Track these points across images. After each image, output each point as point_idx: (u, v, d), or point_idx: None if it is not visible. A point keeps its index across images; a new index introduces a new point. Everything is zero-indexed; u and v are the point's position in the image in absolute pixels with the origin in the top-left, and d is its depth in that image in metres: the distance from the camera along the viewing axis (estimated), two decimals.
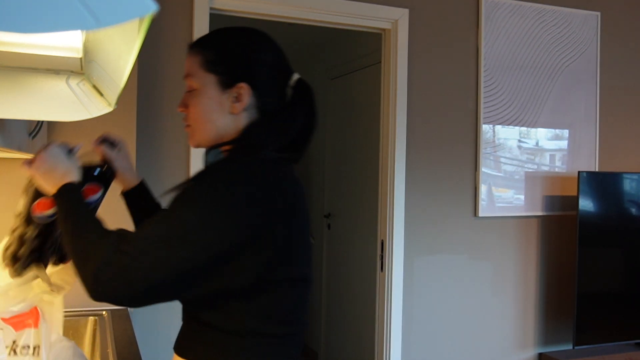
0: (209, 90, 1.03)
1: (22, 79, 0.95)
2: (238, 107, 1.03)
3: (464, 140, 2.55)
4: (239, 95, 1.02)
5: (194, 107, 1.05)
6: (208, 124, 1.04)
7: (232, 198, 0.92)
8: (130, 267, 0.87)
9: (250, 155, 1.00)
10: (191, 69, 1.05)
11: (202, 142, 1.07)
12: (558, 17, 2.69)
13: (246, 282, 0.94)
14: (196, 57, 1.05)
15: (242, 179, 0.94)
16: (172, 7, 2.12)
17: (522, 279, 2.67)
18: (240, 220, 0.92)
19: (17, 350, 1.14)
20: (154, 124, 2.09)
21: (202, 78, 1.03)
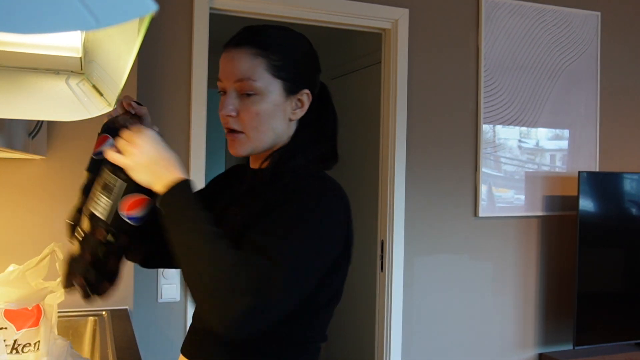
0: (274, 96, 0.99)
1: (21, 79, 0.95)
2: (299, 113, 1.02)
3: (464, 140, 2.55)
4: (301, 102, 1.02)
5: (251, 113, 0.98)
6: (269, 132, 1.00)
7: (334, 215, 0.93)
8: (278, 300, 0.84)
9: (318, 166, 1.02)
10: (252, 72, 0.98)
11: (256, 150, 1.02)
12: (558, 17, 2.69)
13: (327, 296, 0.98)
14: (259, 60, 0.98)
15: (335, 195, 0.95)
16: (172, 7, 2.12)
17: (522, 279, 2.66)
18: (340, 236, 0.95)
19: (19, 348, 1.14)
20: (154, 124, 2.09)
21: (268, 83, 0.98)
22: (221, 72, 1.02)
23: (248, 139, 1.00)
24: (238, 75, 0.98)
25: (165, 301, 2.10)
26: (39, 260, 1.16)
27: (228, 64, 1.00)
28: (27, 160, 1.75)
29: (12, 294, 1.10)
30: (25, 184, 1.76)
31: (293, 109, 1.01)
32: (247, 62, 0.98)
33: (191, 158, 2.12)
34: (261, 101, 0.98)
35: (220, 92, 1.03)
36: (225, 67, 1.01)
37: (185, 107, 2.13)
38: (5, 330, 1.12)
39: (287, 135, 1.03)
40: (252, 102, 0.98)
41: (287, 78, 0.99)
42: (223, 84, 1.02)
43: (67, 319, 1.64)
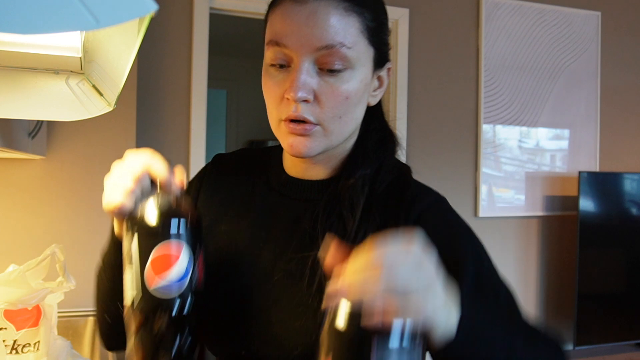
0: (365, 70, 0.71)
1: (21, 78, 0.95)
2: (379, 95, 0.77)
3: (464, 140, 2.55)
4: (380, 81, 0.76)
5: (339, 97, 0.68)
6: (351, 122, 0.72)
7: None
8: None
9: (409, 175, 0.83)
10: (346, 35, 0.67)
11: (328, 149, 0.73)
12: (559, 17, 2.68)
13: None
14: (353, 18, 0.67)
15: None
16: (172, 7, 2.11)
17: (523, 279, 2.66)
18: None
19: (19, 349, 1.14)
20: (154, 124, 2.09)
21: (362, 52, 0.69)
22: (284, 33, 0.67)
23: (326, 134, 0.70)
24: (324, 39, 0.66)
25: None
26: (40, 261, 1.16)
27: (303, 21, 0.66)
28: (27, 160, 1.75)
29: (12, 294, 1.10)
30: (25, 184, 1.76)
31: (374, 89, 0.75)
32: (338, 20, 0.66)
33: (191, 158, 2.12)
34: (352, 78, 0.69)
35: (276, 64, 0.70)
36: (296, 27, 0.66)
37: (185, 107, 2.13)
38: (5, 330, 1.12)
39: (358, 124, 0.77)
40: (341, 81, 0.68)
41: (379, 44, 0.72)
42: (288, 52, 0.68)
43: (67, 319, 1.64)
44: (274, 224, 0.78)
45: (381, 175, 0.76)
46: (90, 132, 1.82)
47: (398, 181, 0.77)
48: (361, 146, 0.78)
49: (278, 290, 0.73)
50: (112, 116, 1.69)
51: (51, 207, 1.78)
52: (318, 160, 0.77)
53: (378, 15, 0.72)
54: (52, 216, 1.78)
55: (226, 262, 0.79)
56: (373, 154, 0.77)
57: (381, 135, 0.80)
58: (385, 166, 0.78)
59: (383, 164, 0.78)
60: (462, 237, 0.76)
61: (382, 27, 0.73)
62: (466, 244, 0.75)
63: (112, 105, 0.98)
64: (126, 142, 1.86)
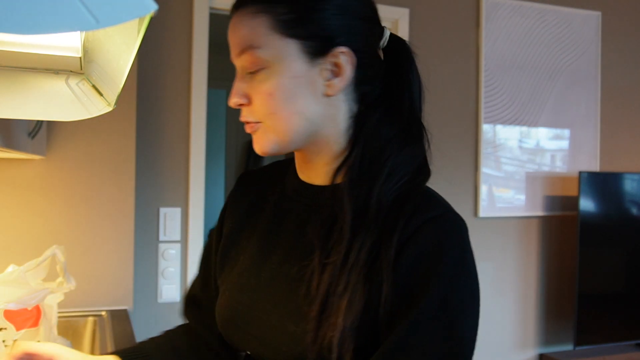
0: (292, 64, 0.70)
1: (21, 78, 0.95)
2: (338, 84, 0.71)
3: (464, 140, 2.55)
4: (337, 67, 0.71)
5: (263, 95, 0.70)
6: (293, 116, 0.71)
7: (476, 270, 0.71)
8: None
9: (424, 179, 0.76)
10: (254, 38, 0.70)
11: (284, 144, 0.73)
12: (559, 17, 2.68)
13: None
14: (260, 18, 0.70)
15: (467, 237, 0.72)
16: (172, 7, 2.11)
17: (523, 280, 2.66)
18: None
19: None
20: (154, 124, 2.09)
21: (278, 48, 0.70)
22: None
23: (268, 130, 0.72)
24: (239, 46, 0.71)
25: (165, 301, 2.10)
26: (40, 261, 1.16)
27: (230, 33, 0.73)
28: (27, 160, 1.75)
29: (11, 294, 1.10)
30: (25, 184, 1.76)
31: (326, 79, 0.71)
32: (246, 26, 0.71)
33: (191, 158, 2.12)
34: (274, 76, 0.70)
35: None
36: (229, 42, 0.74)
37: (185, 107, 2.13)
38: (5, 330, 1.12)
39: (331, 120, 0.73)
40: (261, 80, 0.71)
41: (305, 34, 0.70)
42: (235, 64, 0.75)
43: (67, 319, 1.64)
44: (283, 229, 0.79)
45: (388, 181, 0.71)
46: (90, 132, 1.82)
47: (408, 190, 0.72)
48: (364, 147, 0.73)
49: (279, 295, 0.74)
50: (112, 116, 1.69)
51: (51, 207, 1.78)
52: (312, 163, 0.77)
53: (297, 7, 0.70)
54: (52, 216, 1.78)
55: (239, 266, 0.81)
56: (378, 156, 0.72)
57: (394, 134, 0.74)
58: (396, 171, 0.72)
59: (394, 168, 0.72)
60: (441, 276, 0.66)
61: (309, 16, 0.70)
62: (436, 288, 0.66)
63: (112, 105, 0.98)
64: (126, 142, 1.86)
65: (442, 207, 0.73)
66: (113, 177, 1.84)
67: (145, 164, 2.06)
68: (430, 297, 0.65)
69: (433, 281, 0.65)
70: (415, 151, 0.77)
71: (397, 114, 0.76)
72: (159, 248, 2.09)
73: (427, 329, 0.65)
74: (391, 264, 0.66)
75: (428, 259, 0.66)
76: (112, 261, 1.81)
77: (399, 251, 0.67)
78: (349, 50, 0.71)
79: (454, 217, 0.72)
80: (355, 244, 0.68)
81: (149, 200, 2.08)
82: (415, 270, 0.66)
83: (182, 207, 2.12)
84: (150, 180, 2.08)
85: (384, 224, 0.69)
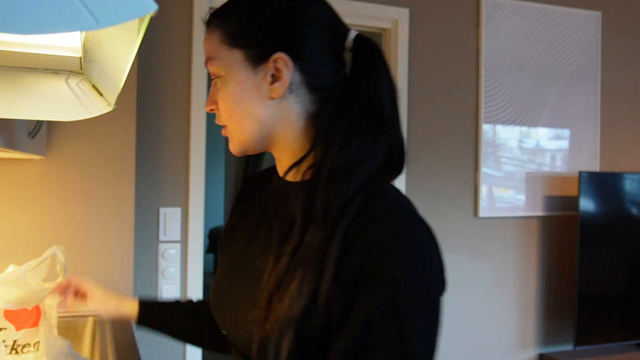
0: (238, 72, 0.77)
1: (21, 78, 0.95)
2: (278, 88, 0.76)
3: (464, 140, 2.55)
4: (276, 72, 0.76)
5: (223, 101, 0.78)
6: (244, 119, 0.78)
7: (434, 265, 0.72)
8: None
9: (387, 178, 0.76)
10: (211, 50, 0.79)
11: (246, 145, 0.80)
12: (559, 17, 2.68)
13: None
14: (215, 33, 0.79)
15: (424, 236, 0.73)
16: (172, 7, 2.11)
17: (523, 280, 2.66)
18: (439, 283, 0.73)
19: (18, 349, 1.14)
20: (154, 124, 2.09)
21: (226, 58, 0.77)
22: None
23: (231, 132, 0.80)
24: (205, 58, 0.81)
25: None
26: (40, 262, 1.16)
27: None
28: (27, 160, 1.75)
29: (11, 294, 1.10)
30: (25, 184, 1.76)
31: (270, 83, 0.76)
32: (208, 40, 0.80)
33: (191, 158, 2.12)
34: (226, 83, 0.78)
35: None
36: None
37: (185, 107, 2.13)
38: (5, 330, 1.12)
39: (284, 120, 0.78)
40: (219, 87, 0.79)
41: (246, 44, 0.76)
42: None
43: (67, 319, 1.64)
44: (264, 223, 0.86)
45: (343, 179, 0.72)
46: (90, 132, 1.82)
47: (362, 188, 0.73)
48: (322, 146, 0.76)
49: (248, 284, 0.80)
50: (112, 116, 1.69)
51: (51, 207, 1.78)
52: (280, 161, 0.84)
53: (243, 19, 0.77)
54: (52, 216, 1.78)
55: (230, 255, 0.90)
56: (335, 156, 0.74)
57: (353, 134, 0.76)
58: (352, 170, 0.73)
59: (350, 167, 0.74)
60: (386, 276, 0.67)
61: (252, 27, 0.77)
62: (382, 289, 0.66)
63: (112, 105, 0.98)
64: (126, 142, 1.86)
65: (391, 204, 0.72)
66: (113, 177, 1.84)
67: (145, 164, 2.06)
68: (377, 298, 0.66)
69: (378, 282, 0.66)
70: (377, 150, 0.76)
71: (359, 114, 0.77)
72: (159, 248, 2.09)
73: (375, 330, 0.66)
74: (334, 261, 0.68)
75: (373, 258, 0.67)
76: (112, 261, 1.81)
77: (346, 250, 0.68)
78: (285, 56, 0.75)
79: (401, 215, 0.72)
80: (305, 241, 0.71)
81: (149, 200, 2.08)
82: (360, 270, 0.67)
83: (182, 207, 2.12)
84: (150, 180, 2.08)
85: (333, 221, 0.70)
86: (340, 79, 0.79)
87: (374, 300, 0.66)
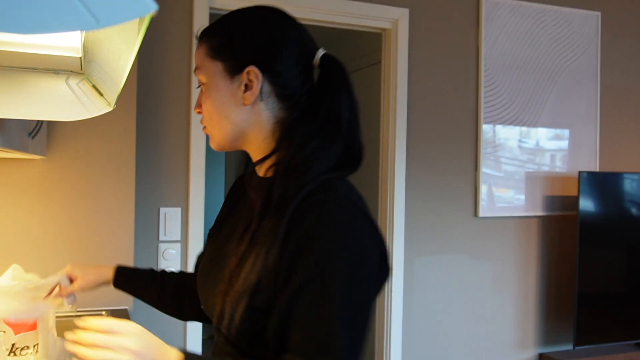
0: (217, 80, 0.91)
1: (21, 78, 0.95)
2: (249, 96, 0.89)
3: (464, 140, 2.55)
4: (249, 83, 0.89)
5: (204, 105, 0.93)
6: (222, 121, 0.92)
7: (368, 250, 0.82)
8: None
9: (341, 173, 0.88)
10: (198, 61, 0.94)
11: (222, 143, 0.94)
12: (558, 17, 2.68)
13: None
14: (202, 47, 0.93)
15: (361, 223, 0.83)
16: (172, 7, 2.11)
17: (523, 279, 2.66)
18: (376, 269, 0.84)
19: (17, 352, 1.14)
20: (154, 124, 2.09)
21: (209, 68, 0.91)
22: None
23: (210, 133, 0.95)
24: (194, 68, 0.96)
25: None
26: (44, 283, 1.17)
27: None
28: (27, 160, 1.75)
29: (12, 306, 1.11)
30: (25, 184, 1.76)
31: (243, 92, 0.89)
32: (197, 52, 0.95)
33: (191, 158, 2.12)
34: (208, 90, 0.92)
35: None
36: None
37: (185, 107, 2.13)
38: (3, 333, 1.12)
39: (256, 123, 0.91)
40: (203, 93, 0.93)
41: (225, 57, 0.90)
42: None
43: (66, 319, 1.64)
44: (234, 215, 1.00)
45: (299, 175, 0.84)
46: (90, 132, 1.82)
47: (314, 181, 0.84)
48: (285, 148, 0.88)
49: (220, 267, 0.93)
50: (112, 116, 1.69)
51: (51, 207, 1.78)
52: (253, 159, 0.95)
53: (225, 36, 0.91)
54: (52, 216, 1.78)
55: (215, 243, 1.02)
56: (293, 155, 0.86)
57: (313, 138, 0.88)
58: (307, 167, 0.85)
59: (306, 165, 0.85)
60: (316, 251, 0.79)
61: (230, 43, 0.90)
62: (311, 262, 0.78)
63: (112, 105, 0.99)
64: (126, 142, 1.86)
65: (333, 194, 0.84)
66: (113, 177, 1.84)
67: (145, 164, 2.06)
68: (306, 271, 0.78)
69: (310, 257, 0.78)
70: (331, 153, 0.88)
71: (319, 122, 0.89)
72: (159, 248, 2.09)
73: (301, 298, 0.78)
74: (279, 241, 0.80)
75: (308, 238, 0.79)
76: (112, 261, 1.80)
77: (289, 231, 0.80)
78: (256, 69, 0.88)
79: (340, 203, 0.83)
80: (261, 226, 0.84)
81: (149, 200, 2.08)
82: (298, 248, 0.79)
83: (182, 207, 2.13)
84: (150, 180, 2.08)
85: (284, 208, 0.82)
86: (307, 91, 0.91)
87: (304, 273, 0.78)
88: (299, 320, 0.78)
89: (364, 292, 0.81)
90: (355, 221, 0.82)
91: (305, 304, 0.78)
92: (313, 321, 0.77)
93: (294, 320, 0.78)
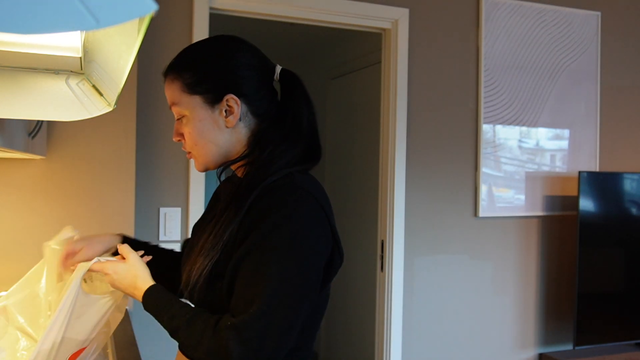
0: (199, 112, 1.01)
1: (21, 78, 0.95)
2: (232, 120, 1.01)
3: (464, 140, 2.55)
4: (229, 108, 1.01)
5: (189, 134, 1.02)
6: (209, 145, 1.02)
7: (312, 232, 0.93)
8: (261, 351, 0.87)
9: (302, 167, 1.00)
10: (174, 97, 1.02)
11: (209, 165, 1.05)
12: (558, 17, 2.69)
13: (316, 310, 1.01)
14: (175, 84, 1.02)
15: (309, 207, 0.94)
16: (172, 7, 2.11)
17: (523, 279, 2.66)
18: (321, 251, 0.95)
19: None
20: (154, 124, 2.09)
21: (188, 102, 1.01)
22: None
23: (196, 157, 1.05)
24: (169, 103, 1.04)
25: None
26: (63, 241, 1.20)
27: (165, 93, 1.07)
28: (27, 160, 1.75)
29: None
30: (25, 184, 1.76)
31: (225, 117, 1.01)
32: (168, 89, 1.03)
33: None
34: (190, 121, 1.01)
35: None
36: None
37: None
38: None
39: (238, 140, 1.03)
40: (184, 124, 1.02)
41: (203, 91, 1.00)
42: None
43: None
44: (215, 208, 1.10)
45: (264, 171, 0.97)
46: (90, 132, 1.82)
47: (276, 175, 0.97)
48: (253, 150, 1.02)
49: (193, 249, 1.05)
50: (112, 116, 1.69)
51: (51, 207, 1.78)
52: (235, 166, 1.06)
53: (197, 72, 1.01)
54: (52, 216, 1.78)
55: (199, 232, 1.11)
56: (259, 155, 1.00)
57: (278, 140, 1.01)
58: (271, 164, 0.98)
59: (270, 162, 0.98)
60: (261, 229, 0.91)
61: (205, 77, 1.00)
62: (254, 237, 0.91)
63: (112, 105, 0.99)
64: (126, 142, 1.86)
65: (289, 182, 0.95)
66: (113, 177, 1.84)
67: (145, 164, 2.06)
68: (252, 241, 0.90)
69: (257, 233, 0.91)
70: (294, 152, 1.00)
71: (286, 128, 1.02)
72: None
73: (241, 268, 0.91)
74: (238, 221, 0.93)
75: (260, 215, 0.92)
76: None
77: (248, 212, 0.93)
78: (234, 96, 1.00)
79: (293, 190, 0.94)
80: (227, 212, 0.97)
81: (149, 200, 2.08)
82: (250, 225, 0.92)
83: (182, 207, 2.13)
84: (150, 180, 2.08)
85: (247, 195, 0.95)
86: (275, 104, 1.05)
87: (249, 245, 0.90)
88: (237, 285, 0.91)
89: (301, 270, 0.91)
90: (305, 206, 0.94)
91: (244, 270, 0.90)
92: (246, 286, 0.89)
93: (235, 285, 0.91)
